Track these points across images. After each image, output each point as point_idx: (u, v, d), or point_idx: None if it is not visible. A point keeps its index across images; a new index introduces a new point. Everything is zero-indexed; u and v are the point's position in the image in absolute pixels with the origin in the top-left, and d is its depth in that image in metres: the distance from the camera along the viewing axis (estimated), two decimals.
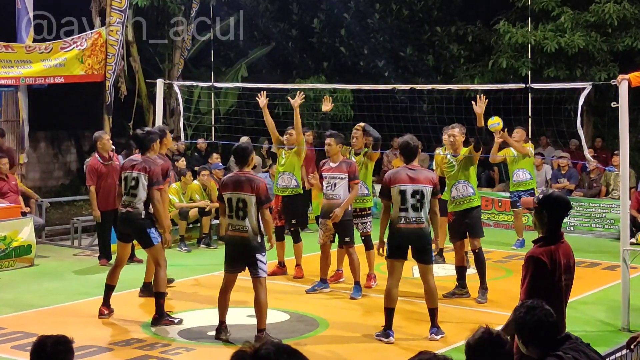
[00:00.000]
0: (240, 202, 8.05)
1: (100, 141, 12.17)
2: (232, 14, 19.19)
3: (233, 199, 8.07)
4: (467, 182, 9.94)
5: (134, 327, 8.78)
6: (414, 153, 8.47)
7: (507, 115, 14.14)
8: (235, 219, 8.10)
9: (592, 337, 7.10)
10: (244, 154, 8.24)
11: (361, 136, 10.99)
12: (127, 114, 17.72)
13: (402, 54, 20.15)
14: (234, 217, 8.10)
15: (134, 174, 8.99)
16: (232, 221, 8.14)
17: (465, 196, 9.92)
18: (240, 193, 8.04)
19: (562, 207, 5.48)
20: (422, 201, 8.28)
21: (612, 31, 16.69)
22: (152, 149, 9.23)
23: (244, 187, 8.06)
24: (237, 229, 8.10)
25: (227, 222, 8.21)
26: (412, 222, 8.30)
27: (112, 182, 12.08)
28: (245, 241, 8.06)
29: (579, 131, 9.85)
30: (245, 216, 8.03)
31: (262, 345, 3.03)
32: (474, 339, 3.82)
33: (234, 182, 8.13)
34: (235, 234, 8.14)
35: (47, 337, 3.94)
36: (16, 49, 14.05)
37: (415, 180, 8.31)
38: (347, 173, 10.20)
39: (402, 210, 8.31)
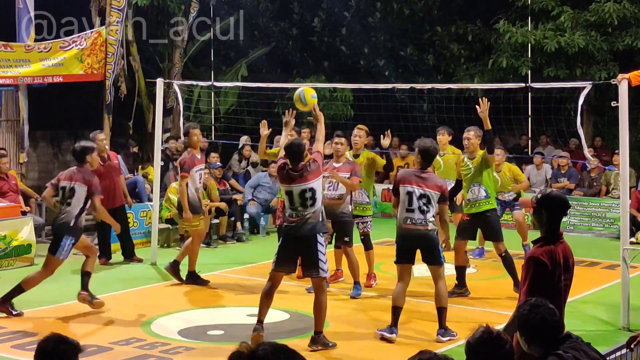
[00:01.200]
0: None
1: (94, 142, 12.16)
2: (232, 13, 19.18)
3: (295, 191, 8.08)
4: (481, 185, 9.98)
5: (134, 327, 8.78)
6: (432, 158, 8.67)
7: (507, 114, 14.17)
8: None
9: (592, 336, 7.09)
10: (299, 150, 8.26)
11: (364, 136, 10.98)
12: (127, 114, 17.72)
13: (402, 53, 20.15)
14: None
15: (71, 184, 9.35)
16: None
17: (479, 199, 9.97)
18: (307, 183, 8.07)
19: (560, 207, 5.49)
20: (428, 205, 8.36)
21: (612, 30, 16.69)
22: (88, 161, 9.60)
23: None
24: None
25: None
26: (418, 224, 8.36)
27: (111, 182, 12.10)
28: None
29: (579, 130, 9.85)
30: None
31: (259, 346, 3.03)
32: (474, 339, 3.82)
33: (290, 176, 8.13)
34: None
35: (52, 336, 3.95)
36: (15, 48, 14.05)
37: (422, 184, 8.40)
38: (350, 172, 10.20)
39: (409, 212, 8.37)
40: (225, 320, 9.19)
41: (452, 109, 14.24)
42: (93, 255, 9.81)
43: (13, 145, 15.02)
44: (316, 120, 8.80)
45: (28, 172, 16.38)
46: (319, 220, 8.07)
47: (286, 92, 18.16)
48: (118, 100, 16.18)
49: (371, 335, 8.63)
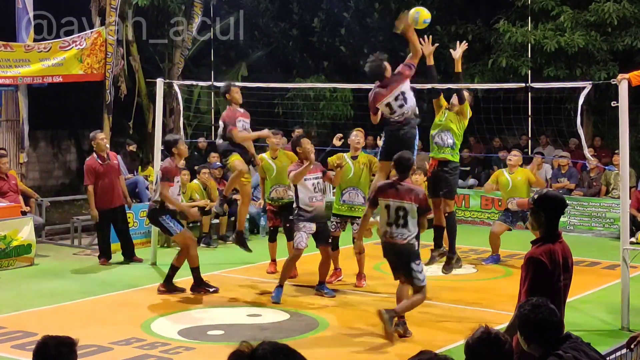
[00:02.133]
0: (400, 210, 8.26)
1: (94, 141, 12.21)
2: (232, 13, 19.18)
3: (392, 206, 8.25)
4: (449, 132, 9.71)
5: (134, 327, 8.78)
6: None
7: (507, 114, 14.17)
8: (394, 227, 8.30)
9: (592, 336, 7.10)
10: (408, 164, 8.43)
11: (363, 138, 11.00)
12: (127, 114, 17.72)
13: (402, 53, 20.12)
14: (393, 225, 8.31)
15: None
16: (389, 229, 8.33)
17: (444, 146, 9.65)
18: (402, 202, 8.24)
19: (558, 206, 5.49)
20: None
21: (612, 30, 16.69)
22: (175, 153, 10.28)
23: (404, 196, 8.28)
24: (394, 237, 8.33)
25: (384, 230, 8.39)
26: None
27: (110, 182, 12.10)
28: (402, 248, 8.34)
29: (579, 130, 9.84)
30: (406, 225, 8.26)
31: (259, 345, 3.02)
32: (473, 339, 3.82)
33: (394, 190, 8.30)
34: (391, 241, 8.36)
35: (50, 338, 3.93)
36: (15, 48, 14.04)
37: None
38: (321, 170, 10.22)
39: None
40: (225, 320, 9.19)
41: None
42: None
43: (13, 145, 15.02)
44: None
45: (28, 172, 16.39)
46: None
47: (286, 92, 18.19)
48: (118, 100, 16.18)
49: (371, 335, 8.63)
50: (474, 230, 15.41)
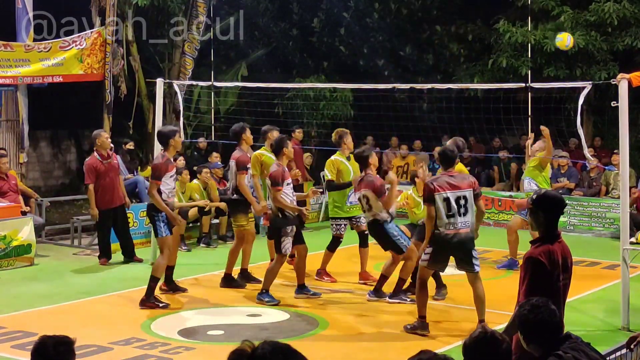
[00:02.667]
0: (461, 199, 8.30)
1: (99, 139, 12.19)
2: (232, 13, 19.18)
3: (452, 197, 8.27)
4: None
5: (134, 327, 8.78)
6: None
7: (507, 114, 14.17)
8: (457, 217, 8.30)
9: (591, 336, 7.10)
10: (452, 155, 8.57)
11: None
12: (127, 114, 17.71)
13: (401, 53, 20.15)
14: (455, 215, 8.29)
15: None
16: (452, 220, 8.29)
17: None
18: (462, 191, 8.31)
19: (557, 206, 5.49)
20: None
21: (612, 30, 16.69)
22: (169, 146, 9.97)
23: (460, 185, 8.34)
24: (458, 227, 8.31)
25: (445, 222, 8.31)
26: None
27: (111, 181, 12.10)
28: (465, 237, 8.37)
29: (579, 130, 9.84)
30: (467, 212, 8.33)
31: (260, 345, 3.02)
32: (471, 339, 3.82)
33: (448, 182, 8.34)
34: (455, 232, 8.33)
35: (48, 338, 3.93)
36: (15, 47, 14.04)
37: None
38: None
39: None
40: (225, 320, 9.19)
41: (452, 109, 14.25)
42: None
43: (13, 145, 15.01)
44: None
45: (28, 172, 16.38)
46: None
47: (286, 92, 18.19)
48: (118, 100, 16.18)
49: (371, 335, 8.64)
50: None
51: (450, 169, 8.54)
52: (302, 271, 10.09)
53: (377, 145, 18.24)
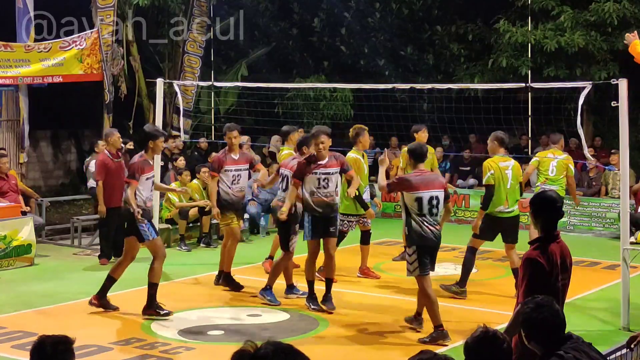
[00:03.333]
0: (434, 199, 8.32)
1: (111, 137, 12.32)
2: (232, 13, 19.18)
3: (425, 197, 8.31)
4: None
5: (134, 327, 8.78)
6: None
7: (507, 114, 14.17)
8: (427, 216, 8.33)
9: (592, 336, 7.08)
10: (422, 152, 8.61)
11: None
12: (128, 114, 17.72)
13: (402, 53, 20.15)
14: (426, 214, 8.30)
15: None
16: (421, 219, 8.30)
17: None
18: (435, 191, 8.35)
19: (554, 207, 5.50)
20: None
21: (612, 30, 16.68)
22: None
23: (434, 184, 8.40)
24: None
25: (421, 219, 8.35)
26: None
27: (119, 180, 12.14)
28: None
29: (579, 130, 9.84)
30: (438, 212, 8.41)
31: (262, 345, 3.03)
32: (472, 339, 3.82)
33: (422, 181, 8.34)
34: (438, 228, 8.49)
35: (47, 337, 3.93)
36: (15, 48, 14.04)
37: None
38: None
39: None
40: (225, 320, 9.19)
41: (452, 108, 14.23)
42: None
43: (13, 145, 15.02)
44: None
45: (28, 172, 16.38)
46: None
47: (286, 92, 18.19)
48: (118, 100, 16.18)
49: (371, 335, 8.64)
50: None
51: (421, 165, 8.49)
52: (289, 271, 10.13)
53: (377, 145, 18.25)
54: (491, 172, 9.88)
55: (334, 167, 9.50)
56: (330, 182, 9.45)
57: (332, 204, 9.49)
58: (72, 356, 3.92)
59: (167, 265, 12.11)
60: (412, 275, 8.49)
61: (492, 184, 9.87)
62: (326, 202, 9.40)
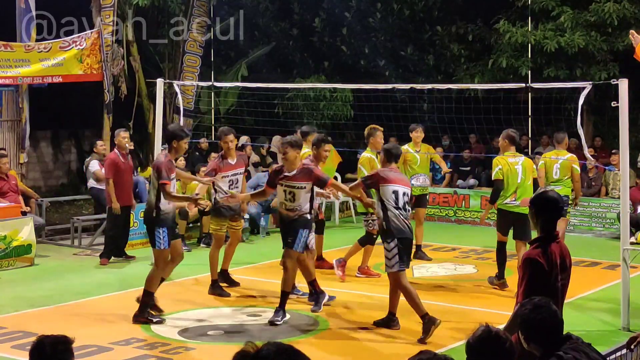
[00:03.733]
0: (406, 195, 8.66)
1: (116, 137, 12.49)
2: (232, 13, 19.19)
3: (400, 191, 8.60)
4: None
5: (134, 327, 8.78)
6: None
7: (507, 114, 14.17)
8: (401, 210, 8.64)
9: (592, 336, 7.09)
10: (397, 152, 8.99)
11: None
12: (128, 114, 17.72)
13: (402, 53, 20.15)
14: (400, 209, 8.60)
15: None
16: (398, 212, 8.58)
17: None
18: (406, 187, 8.75)
19: (554, 207, 5.50)
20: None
21: (612, 31, 16.68)
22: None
23: (405, 181, 8.88)
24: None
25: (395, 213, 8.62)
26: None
27: (128, 179, 12.18)
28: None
29: (579, 130, 9.84)
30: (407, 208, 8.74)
31: (264, 346, 3.03)
32: (474, 338, 3.82)
33: (396, 176, 8.76)
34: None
35: (46, 337, 3.93)
36: (15, 48, 14.03)
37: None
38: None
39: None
40: (225, 320, 9.19)
41: (452, 109, 14.24)
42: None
43: (13, 145, 15.02)
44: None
45: (28, 172, 16.39)
46: None
47: (286, 92, 18.19)
48: (118, 100, 16.17)
49: (371, 335, 8.64)
50: (475, 230, 15.42)
51: (394, 164, 8.87)
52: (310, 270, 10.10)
53: None
54: (499, 167, 10.28)
55: (301, 181, 9.00)
56: (296, 197, 8.98)
57: (295, 219, 9.02)
58: (72, 356, 3.93)
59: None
60: (391, 270, 8.63)
61: (501, 179, 10.26)
62: (290, 217, 9.04)
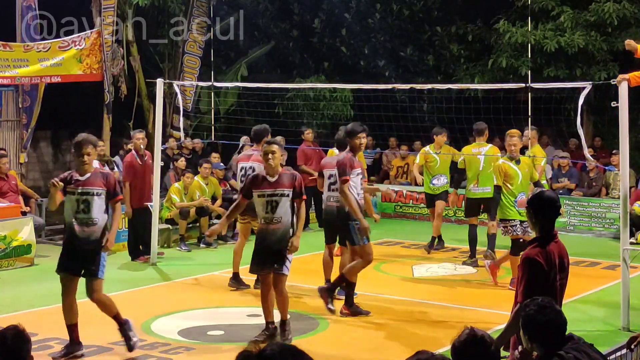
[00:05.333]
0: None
1: (132, 139, 12.56)
2: (232, 13, 19.19)
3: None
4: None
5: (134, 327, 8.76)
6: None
7: (507, 114, 14.17)
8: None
9: (592, 336, 7.09)
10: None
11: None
12: (128, 114, 17.72)
13: (402, 53, 20.15)
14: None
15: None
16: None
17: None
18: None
19: (550, 208, 5.51)
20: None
21: (611, 30, 16.68)
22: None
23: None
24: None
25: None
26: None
27: (148, 179, 12.18)
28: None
29: (579, 130, 9.84)
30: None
31: (267, 345, 3.03)
32: (459, 341, 3.83)
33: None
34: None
35: (5, 330, 4.02)
36: (14, 47, 14.01)
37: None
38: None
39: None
40: (225, 320, 9.19)
41: (452, 109, 14.25)
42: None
43: (13, 145, 15.02)
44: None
45: (28, 173, 16.38)
46: None
47: (286, 92, 18.19)
48: (118, 100, 16.17)
49: (371, 335, 8.64)
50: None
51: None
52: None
53: (377, 146, 18.26)
54: (462, 157, 12.29)
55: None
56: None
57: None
58: (30, 345, 4.04)
59: (167, 266, 12.18)
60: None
61: (463, 168, 12.26)
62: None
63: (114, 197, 7.89)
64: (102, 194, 7.76)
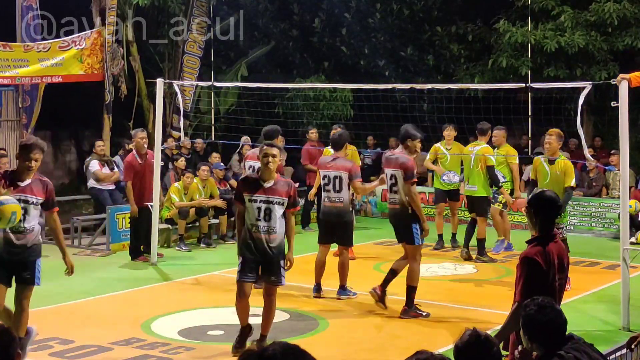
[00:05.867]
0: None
1: (134, 139, 12.50)
2: (232, 13, 19.19)
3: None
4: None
5: (134, 327, 8.78)
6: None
7: (507, 114, 14.18)
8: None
9: (592, 336, 7.10)
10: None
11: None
12: (128, 114, 17.72)
13: (402, 53, 20.15)
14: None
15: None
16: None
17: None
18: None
19: (550, 207, 5.50)
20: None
21: (612, 30, 16.69)
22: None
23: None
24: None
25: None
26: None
27: (149, 179, 12.19)
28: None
29: (579, 130, 9.84)
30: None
31: (269, 345, 3.03)
32: (462, 342, 3.83)
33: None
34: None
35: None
36: (14, 48, 14.02)
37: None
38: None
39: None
40: (225, 320, 9.19)
41: (452, 109, 14.25)
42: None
43: (13, 145, 15.02)
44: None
45: None
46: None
47: (286, 92, 18.19)
48: (118, 100, 16.18)
49: (371, 335, 8.64)
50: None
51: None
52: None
53: (377, 146, 18.24)
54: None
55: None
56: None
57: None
58: (17, 344, 3.99)
59: (167, 266, 12.19)
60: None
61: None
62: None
63: (52, 207, 7.63)
64: (39, 203, 7.51)
